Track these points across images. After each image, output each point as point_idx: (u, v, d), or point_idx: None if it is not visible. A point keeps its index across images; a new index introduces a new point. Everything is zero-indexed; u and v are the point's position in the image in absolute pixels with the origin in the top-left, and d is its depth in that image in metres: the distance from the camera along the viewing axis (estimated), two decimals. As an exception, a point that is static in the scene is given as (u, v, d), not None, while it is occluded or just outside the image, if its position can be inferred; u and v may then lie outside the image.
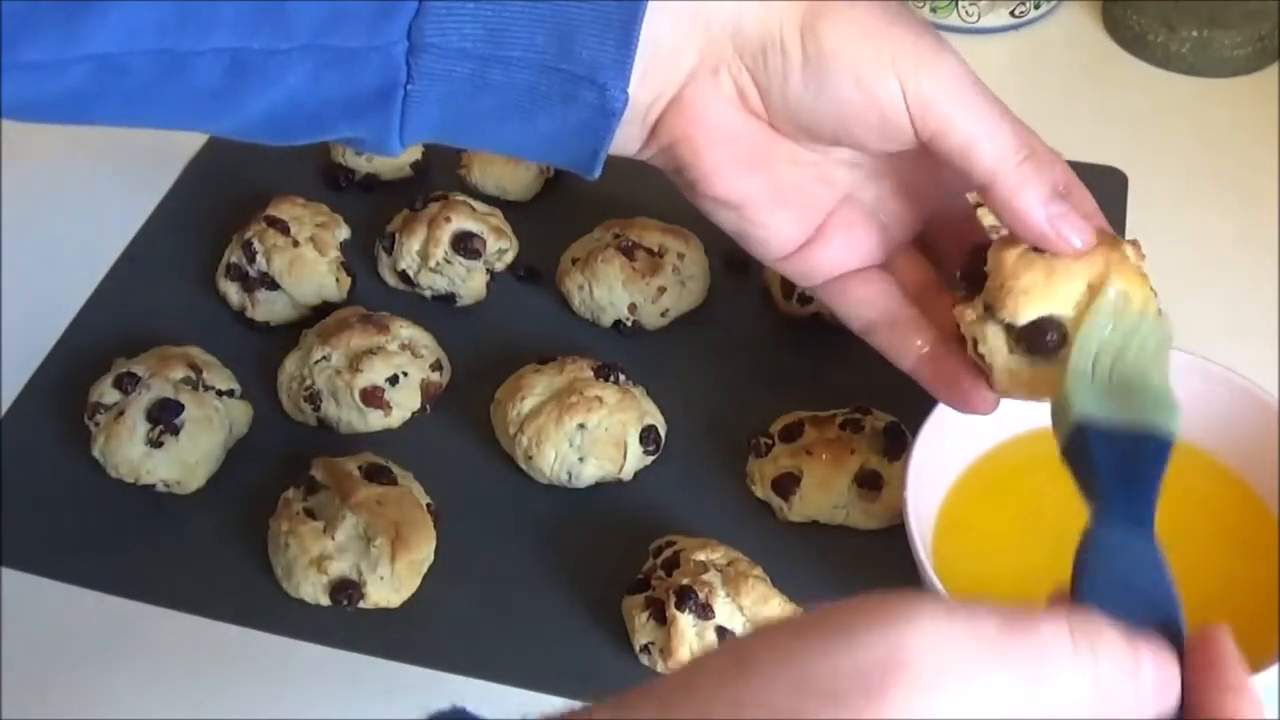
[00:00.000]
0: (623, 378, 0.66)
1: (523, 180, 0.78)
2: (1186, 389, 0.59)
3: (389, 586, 0.60)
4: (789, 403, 0.66)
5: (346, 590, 0.59)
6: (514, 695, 0.57)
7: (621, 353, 0.69)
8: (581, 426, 0.63)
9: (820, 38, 0.47)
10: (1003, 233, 0.50)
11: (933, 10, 0.90)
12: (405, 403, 0.67)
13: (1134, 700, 0.34)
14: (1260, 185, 0.79)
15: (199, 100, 0.46)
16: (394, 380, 0.67)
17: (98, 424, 0.65)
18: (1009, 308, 0.48)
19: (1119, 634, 0.34)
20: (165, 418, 0.64)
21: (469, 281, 0.73)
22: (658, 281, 0.71)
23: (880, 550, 0.61)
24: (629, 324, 0.71)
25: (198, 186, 0.82)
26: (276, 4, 0.44)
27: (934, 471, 0.58)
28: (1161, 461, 0.43)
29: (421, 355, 0.69)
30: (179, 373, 0.66)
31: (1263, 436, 0.57)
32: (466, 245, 0.71)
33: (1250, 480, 0.59)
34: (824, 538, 0.62)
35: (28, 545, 0.63)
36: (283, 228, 0.72)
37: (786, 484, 0.62)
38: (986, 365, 0.50)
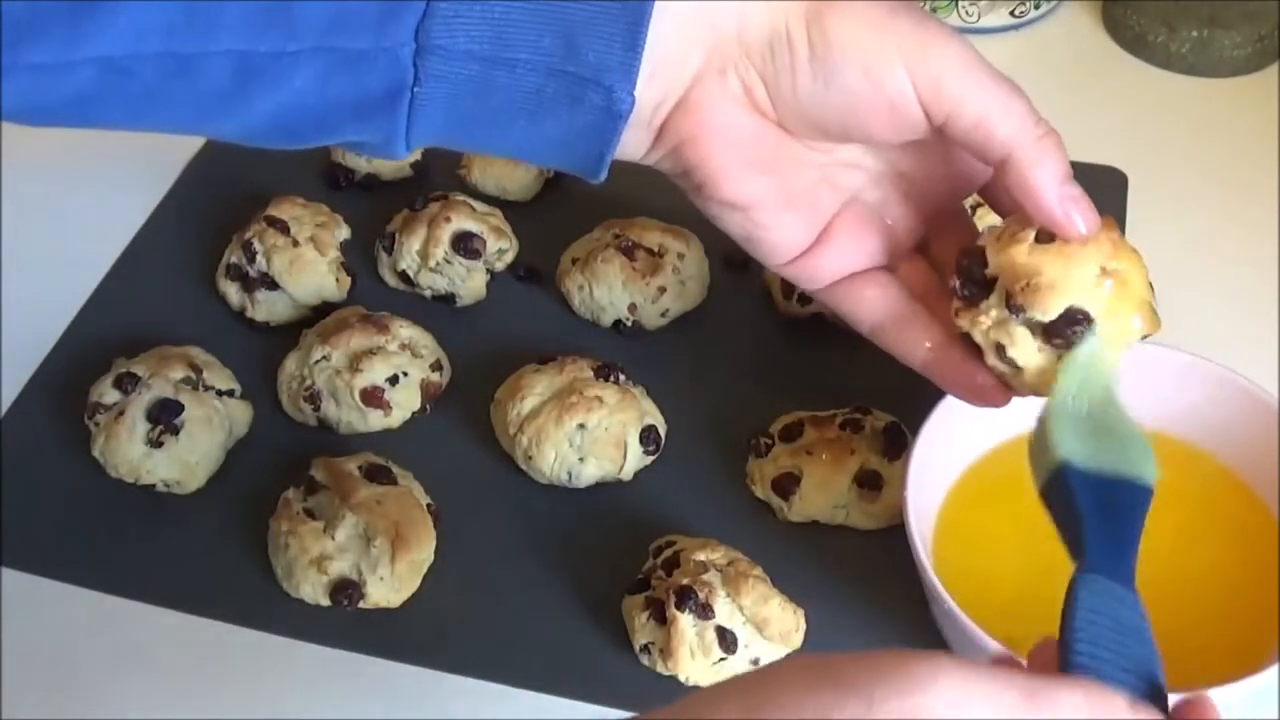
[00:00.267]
0: (623, 378, 0.66)
1: (523, 180, 0.78)
2: (1187, 389, 0.59)
3: (389, 586, 0.60)
4: (789, 403, 0.66)
5: (346, 590, 0.59)
6: (514, 695, 0.57)
7: (621, 353, 0.69)
8: (581, 426, 0.63)
9: (826, 31, 0.47)
10: (987, 227, 0.50)
11: (933, 10, 0.90)
12: (405, 403, 0.67)
13: None
14: (1260, 185, 0.79)
15: (205, 103, 0.46)
16: (394, 380, 0.67)
17: (98, 424, 0.65)
18: (1040, 305, 0.47)
19: (1126, 704, 0.34)
20: (165, 418, 0.64)
21: (469, 281, 0.73)
22: (658, 281, 0.71)
23: (880, 550, 0.61)
24: (629, 324, 0.71)
25: (198, 186, 0.82)
26: (283, 6, 0.44)
27: (934, 471, 0.58)
28: (1142, 511, 0.42)
29: (421, 355, 0.69)
30: (179, 373, 0.66)
31: (1263, 436, 0.57)
32: (466, 245, 0.71)
33: (1250, 480, 0.59)
34: (824, 538, 0.62)
35: (28, 545, 0.63)
36: (283, 228, 0.72)
37: (786, 484, 0.62)
38: (1013, 370, 0.49)
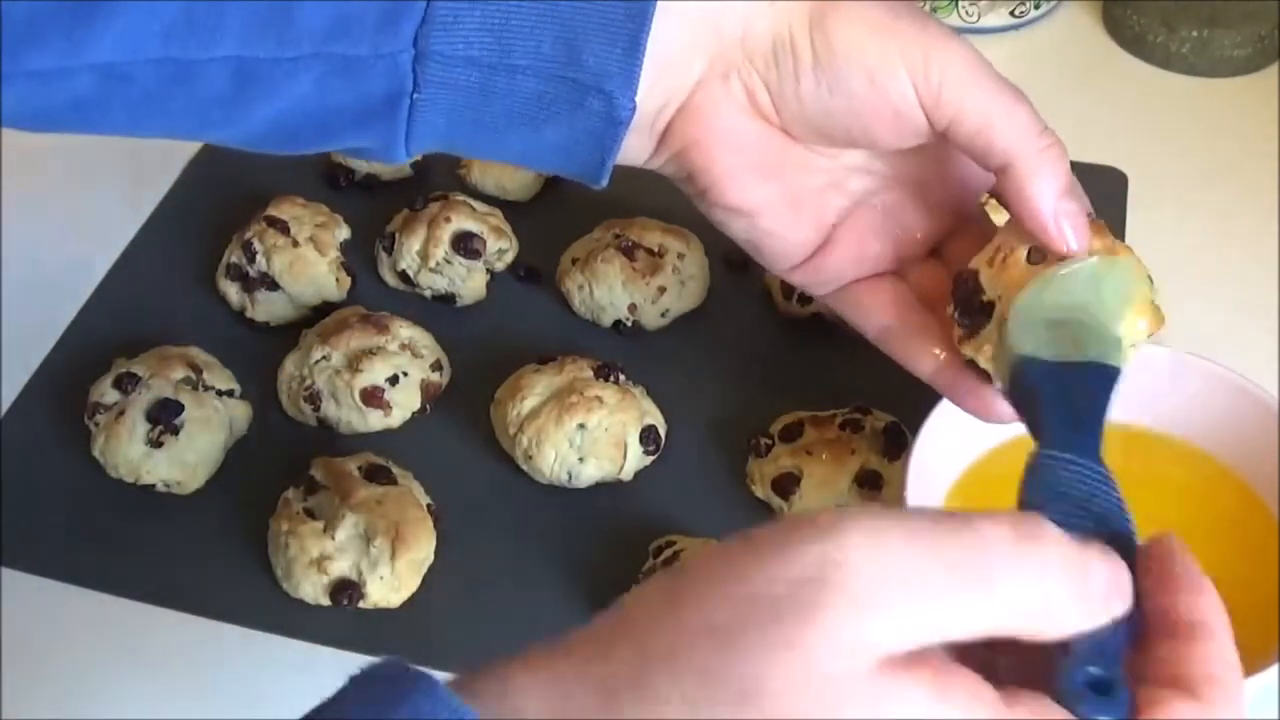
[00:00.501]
0: (623, 378, 0.66)
1: (523, 180, 0.78)
2: (1186, 388, 0.59)
3: (389, 586, 0.60)
4: (789, 403, 0.66)
5: (346, 590, 0.59)
6: (514, 695, 0.57)
7: (621, 353, 0.69)
8: (581, 426, 0.63)
9: (830, 36, 0.47)
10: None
11: (933, 10, 0.90)
12: (405, 403, 0.67)
13: (1082, 602, 0.32)
14: (1260, 186, 0.79)
15: (205, 109, 0.46)
16: (394, 380, 0.67)
17: (98, 424, 0.65)
18: None
19: (1063, 534, 0.32)
20: (165, 418, 0.64)
21: (469, 281, 0.73)
22: (658, 281, 0.71)
23: (880, 550, 0.61)
24: (629, 324, 0.71)
25: (198, 186, 0.82)
26: (282, 11, 0.44)
27: (934, 471, 0.58)
28: (1107, 390, 0.41)
29: (421, 355, 0.69)
30: (179, 373, 0.66)
31: (1263, 436, 0.57)
32: (466, 245, 0.71)
33: (1250, 480, 0.59)
34: (824, 538, 0.62)
35: (28, 545, 0.63)
36: (283, 228, 0.72)
37: (786, 484, 0.62)
38: None
